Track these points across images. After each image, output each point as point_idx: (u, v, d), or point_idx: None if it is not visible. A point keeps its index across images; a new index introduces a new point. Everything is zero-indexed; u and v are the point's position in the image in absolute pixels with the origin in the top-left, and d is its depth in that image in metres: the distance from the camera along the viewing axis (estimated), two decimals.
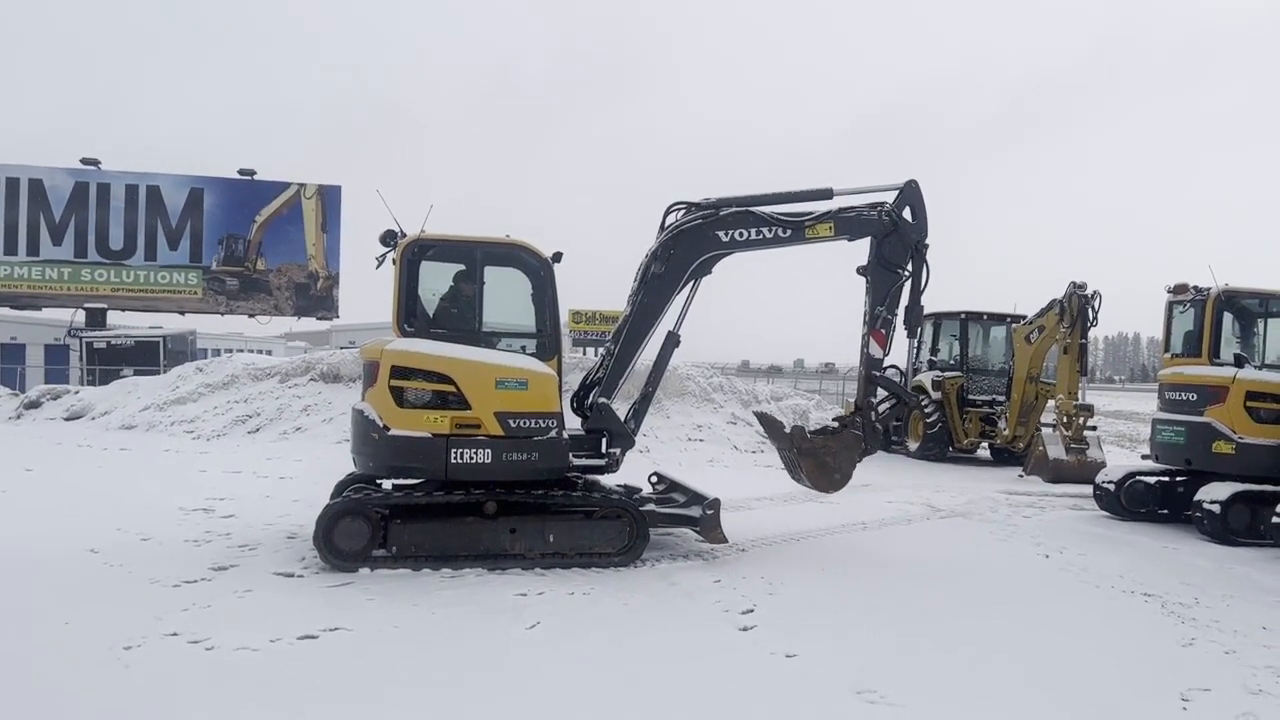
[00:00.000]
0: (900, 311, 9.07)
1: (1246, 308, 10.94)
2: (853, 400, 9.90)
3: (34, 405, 21.23)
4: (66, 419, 20.19)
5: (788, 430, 9.12)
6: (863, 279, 9.09)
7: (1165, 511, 11.28)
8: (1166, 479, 11.36)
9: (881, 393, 9.34)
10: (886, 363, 9.22)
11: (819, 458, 8.92)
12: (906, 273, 8.98)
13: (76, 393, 21.81)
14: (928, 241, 9.04)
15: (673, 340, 8.73)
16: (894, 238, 8.87)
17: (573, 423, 8.43)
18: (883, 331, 9.02)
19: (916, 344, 19.19)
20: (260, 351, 35.43)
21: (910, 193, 9.04)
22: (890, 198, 9.03)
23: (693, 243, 8.57)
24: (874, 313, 9.00)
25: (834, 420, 9.66)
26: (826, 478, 8.96)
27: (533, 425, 7.70)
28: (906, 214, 9.01)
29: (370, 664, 5.28)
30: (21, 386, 26.96)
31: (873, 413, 9.18)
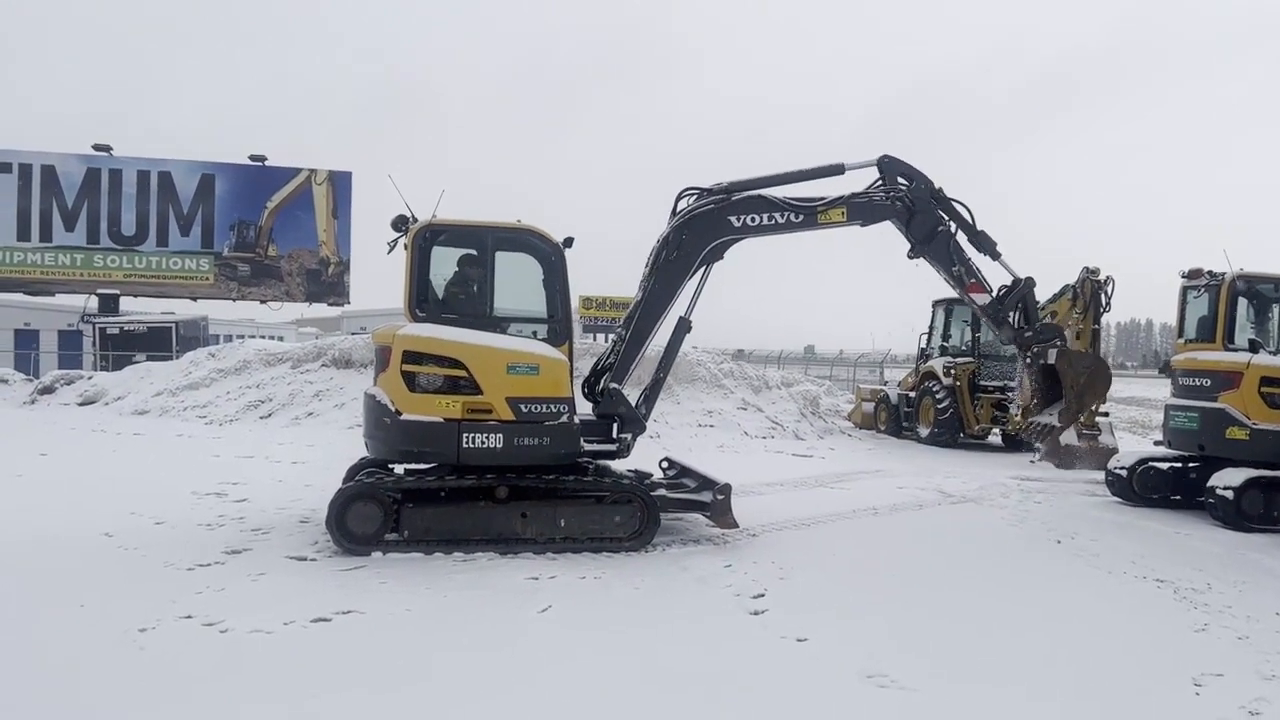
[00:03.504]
0: (969, 249, 9.34)
1: (1261, 293, 10.85)
2: (1006, 341, 10.43)
3: (48, 390, 21.38)
4: (80, 404, 20.33)
5: (1059, 423, 10.07)
6: (916, 262, 9.26)
7: (1178, 497, 11.23)
8: (1179, 465, 11.31)
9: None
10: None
11: (1086, 390, 9.74)
12: (947, 224, 9.11)
13: (90, 378, 21.95)
14: (938, 186, 9.12)
15: (684, 326, 8.72)
16: (917, 216, 8.96)
17: (584, 408, 8.44)
18: (973, 281, 9.27)
19: (929, 330, 19.23)
20: (272, 337, 35.60)
21: (889, 166, 9.12)
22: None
23: (704, 228, 8.56)
24: (954, 275, 9.15)
25: (1027, 361, 10.05)
26: (1101, 379, 10.02)
27: (544, 410, 7.71)
28: (901, 183, 9.10)
29: (383, 647, 5.30)
30: (36, 372, 27.15)
31: (1026, 331, 9.78)
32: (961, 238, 9.27)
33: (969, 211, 9.24)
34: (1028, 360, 9.75)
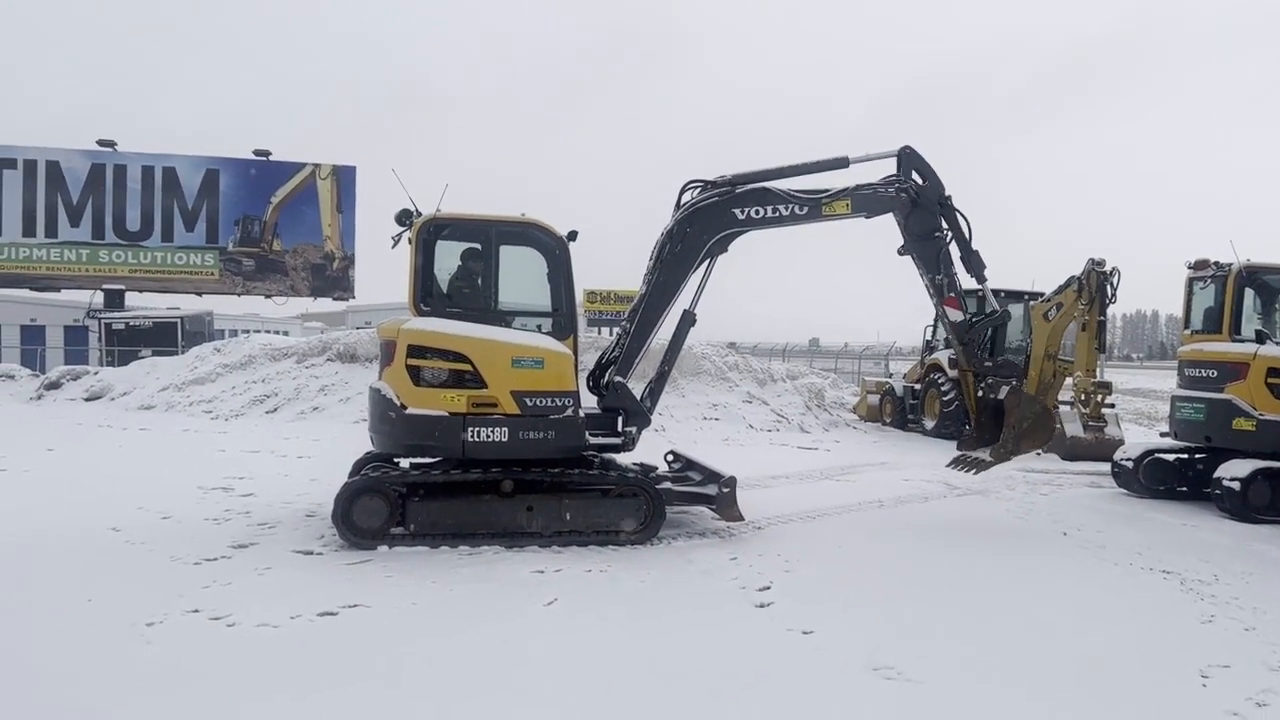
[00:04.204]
0: (957, 263, 9.14)
1: (1268, 284, 10.80)
2: (962, 369, 9.94)
3: (54, 386, 21.45)
4: (86, 399, 20.38)
5: (991, 459, 9.39)
6: (905, 259, 9.12)
7: (1184, 489, 11.22)
8: (1185, 456, 11.30)
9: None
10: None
11: (1025, 435, 9.17)
12: (945, 233, 8.99)
13: (96, 373, 22.01)
14: (948, 193, 9.02)
15: (688, 319, 8.71)
16: (918, 210, 8.88)
17: (589, 401, 8.44)
18: (952, 295, 9.09)
19: (934, 322, 19.15)
20: (277, 332, 35.63)
21: (908, 159, 9.02)
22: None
23: (708, 221, 8.54)
24: (935, 284, 9.04)
25: (979, 395, 9.66)
26: (1042, 430, 9.30)
27: (549, 404, 7.71)
28: (915, 179, 8.98)
29: (390, 640, 5.31)
30: (42, 367, 27.22)
31: (987, 362, 9.52)
32: (954, 252, 9.13)
33: (969, 227, 9.09)
34: (978, 393, 9.59)
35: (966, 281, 9.27)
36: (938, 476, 12.51)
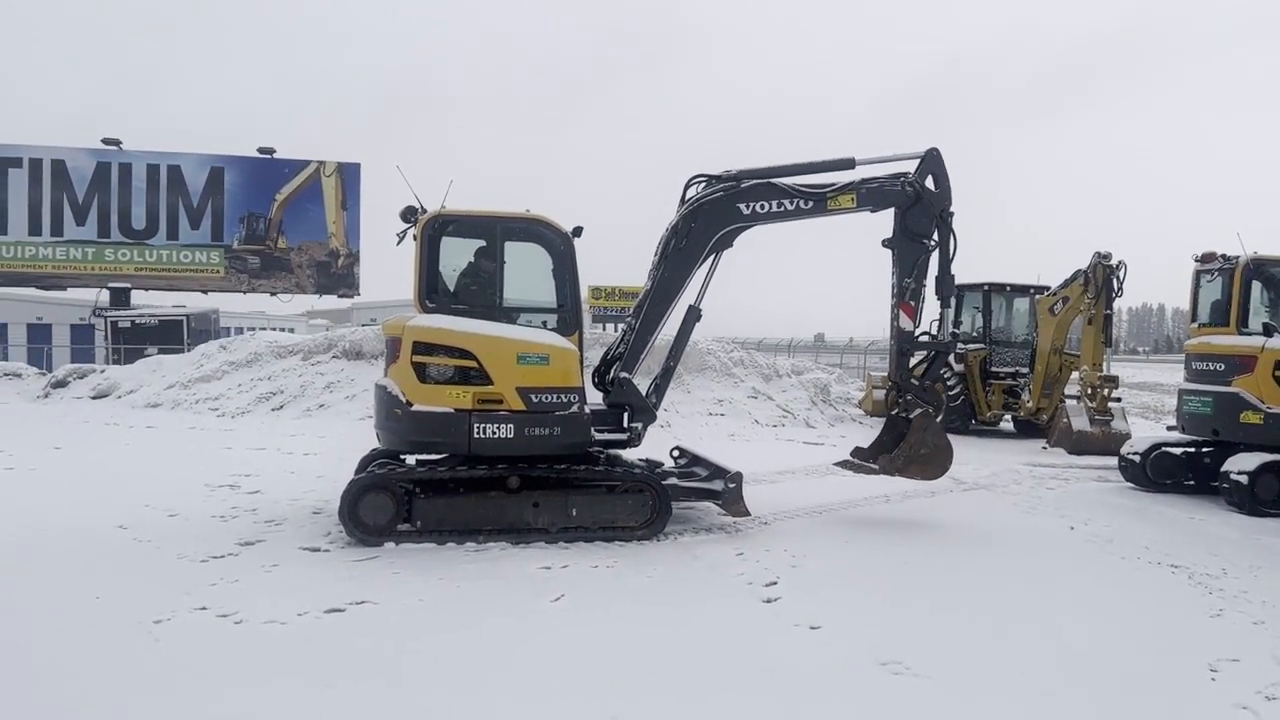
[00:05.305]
0: (930, 281, 9.00)
1: (1275, 276, 10.76)
2: (887, 376, 9.68)
3: (61, 384, 21.50)
4: (93, 398, 20.43)
5: (877, 467, 9.10)
6: (888, 252, 9.02)
7: (1191, 483, 11.19)
8: (1193, 450, 11.26)
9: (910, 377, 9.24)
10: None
11: (916, 459, 8.94)
12: (933, 243, 8.92)
13: (102, 372, 22.07)
14: (952, 209, 8.95)
15: (694, 314, 8.70)
16: (918, 208, 8.81)
17: (594, 397, 8.44)
18: (911, 304, 8.97)
19: (951, 315, 19.09)
20: (283, 329, 35.68)
21: (931, 160, 8.94)
22: (912, 166, 8.96)
23: (713, 216, 8.52)
24: (901, 285, 8.95)
25: (893, 413, 9.44)
26: (935, 465, 9.03)
27: (554, 400, 7.71)
28: (929, 183, 8.91)
29: (396, 636, 5.32)
30: (49, 366, 27.31)
31: (914, 379, 9.25)
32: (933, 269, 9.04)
33: (955, 250, 8.99)
34: (892, 410, 9.49)
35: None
36: None
